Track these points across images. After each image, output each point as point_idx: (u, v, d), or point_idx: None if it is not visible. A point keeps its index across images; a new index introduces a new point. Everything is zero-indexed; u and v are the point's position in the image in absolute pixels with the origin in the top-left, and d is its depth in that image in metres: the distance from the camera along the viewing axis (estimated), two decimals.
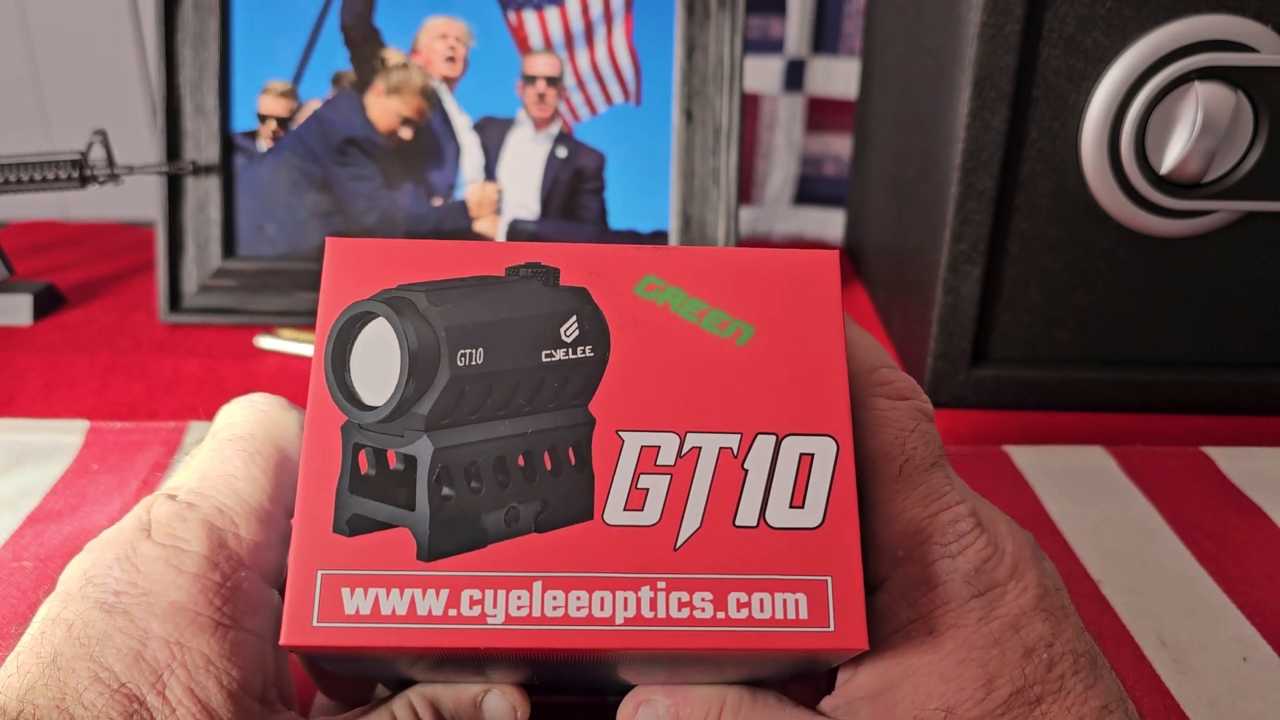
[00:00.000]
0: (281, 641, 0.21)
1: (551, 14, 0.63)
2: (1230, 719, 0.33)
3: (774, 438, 0.23)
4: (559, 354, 0.24)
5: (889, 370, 0.26)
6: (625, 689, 0.27)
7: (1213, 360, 0.53)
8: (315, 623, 0.21)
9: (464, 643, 0.21)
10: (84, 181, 0.62)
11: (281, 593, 0.26)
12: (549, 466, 0.23)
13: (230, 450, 0.26)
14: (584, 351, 0.24)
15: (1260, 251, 0.50)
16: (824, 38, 0.79)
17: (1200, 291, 0.51)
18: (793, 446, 0.23)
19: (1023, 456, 0.49)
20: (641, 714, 0.26)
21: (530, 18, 0.63)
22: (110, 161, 0.63)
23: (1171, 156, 0.47)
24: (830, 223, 0.84)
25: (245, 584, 0.24)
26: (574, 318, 0.24)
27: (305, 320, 0.62)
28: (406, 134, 0.63)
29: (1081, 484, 0.46)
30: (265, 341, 0.60)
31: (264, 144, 0.63)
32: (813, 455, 0.23)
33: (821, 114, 0.82)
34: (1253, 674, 0.35)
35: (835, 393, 0.24)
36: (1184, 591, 0.39)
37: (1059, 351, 0.53)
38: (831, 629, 0.22)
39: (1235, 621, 0.38)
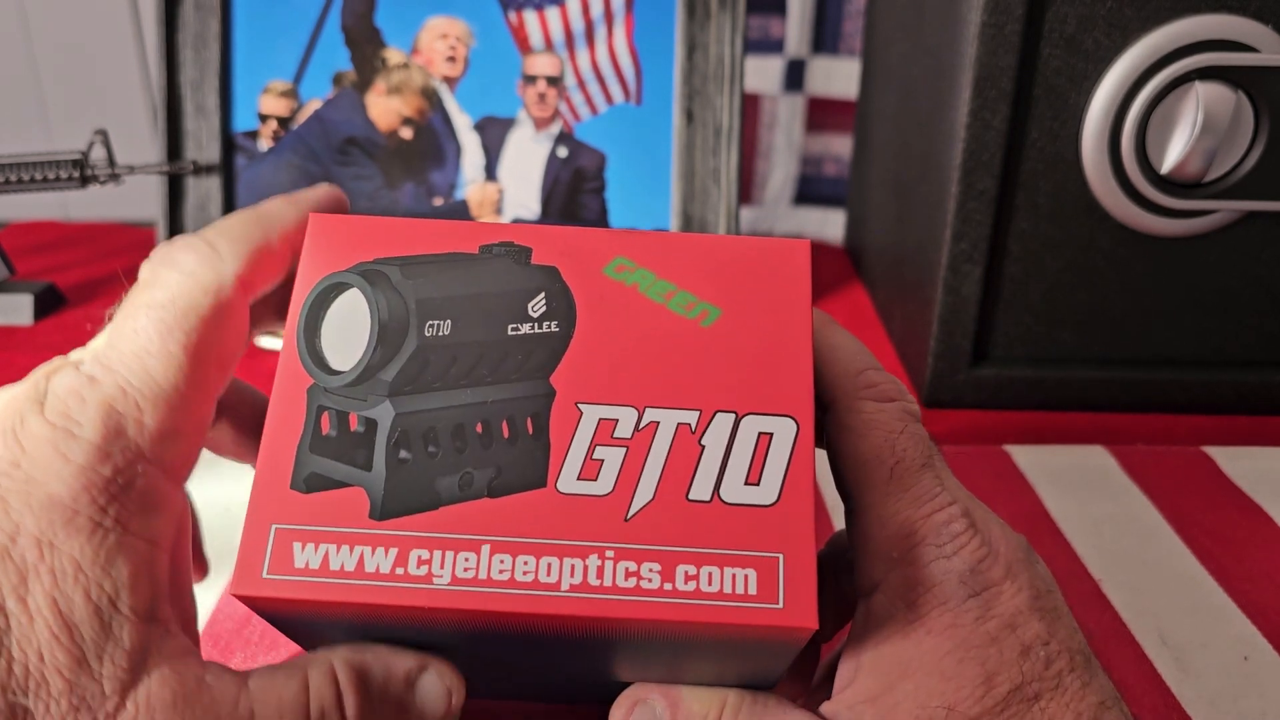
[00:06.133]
0: (230, 591, 0.22)
1: (552, 14, 0.63)
2: (1231, 718, 0.33)
3: (733, 416, 0.23)
4: (525, 328, 0.24)
5: (874, 373, 0.26)
6: (615, 696, 0.27)
7: (1213, 360, 0.53)
8: (265, 574, 0.22)
9: (408, 601, 0.22)
10: (85, 181, 0.62)
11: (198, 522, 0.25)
12: (506, 434, 0.24)
13: (145, 320, 0.23)
14: (550, 326, 0.24)
15: (1261, 251, 0.50)
16: (824, 38, 0.79)
17: (1201, 291, 0.51)
18: (751, 425, 0.23)
19: (1023, 456, 0.49)
20: (637, 714, 0.26)
21: (531, 17, 0.63)
22: (111, 161, 0.63)
23: (1172, 156, 0.47)
24: (830, 223, 0.84)
25: (140, 481, 0.22)
26: (542, 294, 0.24)
27: None
28: (407, 134, 0.63)
29: (1082, 483, 0.46)
30: (265, 341, 0.60)
31: (265, 144, 0.63)
32: (772, 434, 0.23)
33: (821, 114, 0.82)
34: (1254, 673, 0.35)
35: (798, 375, 0.24)
36: (1185, 591, 0.39)
37: (1060, 351, 0.53)
38: (780, 606, 0.22)
39: (1236, 620, 0.38)
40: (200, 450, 0.24)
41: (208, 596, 0.38)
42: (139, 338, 0.22)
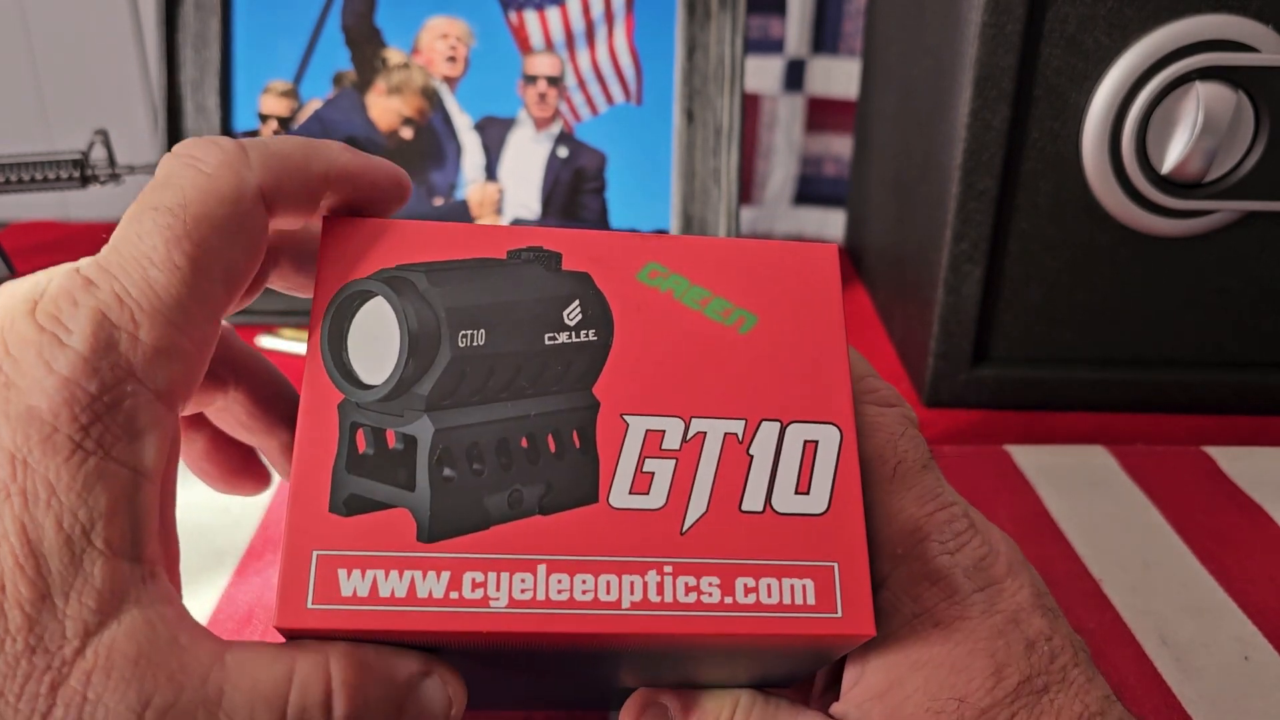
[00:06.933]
0: (275, 624, 0.21)
1: (552, 14, 0.63)
2: (1232, 717, 0.33)
3: (778, 424, 0.23)
4: (562, 337, 0.24)
5: (874, 379, 0.27)
6: (619, 696, 0.27)
7: (1213, 360, 0.53)
8: (310, 604, 0.21)
9: (466, 626, 0.21)
10: (85, 181, 0.62)
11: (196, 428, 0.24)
12: (553, 449, 0.23)
13: (151, 223, 0.21)
14: (587, 335, 0.24)
15: (1261, 251, 0.50)
16: (824, 38, 0.79)
17: (1201, 291, 0.51)
18: (797, 433, 0.23)
19: (1024, 456, 0.49)
20: (649, 715, 0.26)
21: (531, 17, 0.63)
22: (111, 161, 0.63)
23: (1172, 156, 0.47)
24: (830, 223, 0.84)
25: (128, 402, 0.20)
26: (576, 301, 0.24)
27: (306, 320, 0.62)
28: (407, 134, 0.63)
29: (1083, 483, 0.46)
30: (266, 341, 0.60)
31: None
32: (817, 442, 0.23)
33: (821, 114, 0.82)
34: (1254, 673, 0.35)
35: (837, 382, 0.24)
36: (1185, 591, 0.39)
37: (1060, 351, 0.53)
38: (839, 615, 0.22)
39: (1236, 620, 0.38)
40: (201, 375, 0.22)
41: (209, 592, 0.38)
42: (142, 243, 0.20)
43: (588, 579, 0.21)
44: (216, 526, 0.42)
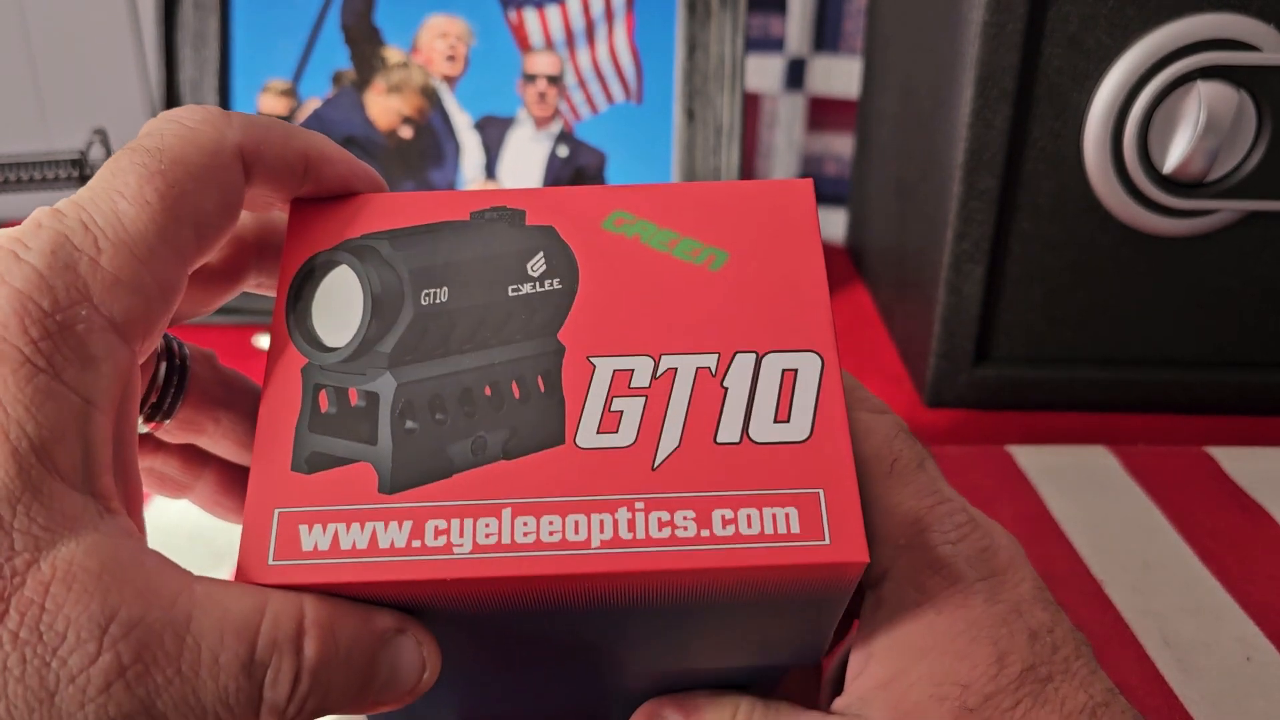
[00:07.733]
0: (235, 580, 0.20)
1: (552, 12, 0.63)
2: (1234, 718, 0.33)
3: (754, 355, 0.23)
4: (526, 288, 0.23)
5: (863, 390, 0.27)
6: (630, 707, 0.27)
7: (1216, 360, 0.53)
8: (271, 561, 0.21)
9: (429, 574, 0.20)
10: (84, 180, 0.62)
11: (153, 367, 0.24)
12: (517, 395, 0.23)
13: (127, 162, 0.21)
14: (552, 284, 0.23)
15: (1263, 251, 0.50)
16: (825, 37, 0.79)
17: (1203, 291, 0.51)
18: (774, 363, 0.22)
19: (1025, 456, 0.48)
20: None
21: (531, 16, 0.63)
22: None
23: (1174, 156, 0.47)
24: (831, 222, 0.84)
25: (81, 326, 0.19)
26: (541, 253, 0.24)
27: None
28: (407, 133, 0.63)
29: (1084, 484, 0.46)
30: (264, 341, 0.60)
31: None
32: (796, 370, 0.22)
33: (822, 113, 0.82)
34: (1256, 673, 0.35)
35: (817, 310, 0.23)
36: (1187, 591, 0.39)
37: (1061, 351, 0.53)
38: (827, 542, 0.21)
39: (1238, 621, 0.38)
40: (162, 321, 0.21)
41: None
42: (115, 179, 0.20)
43: (555, 520, 0.21)
44: (216, 527, 0.42)
